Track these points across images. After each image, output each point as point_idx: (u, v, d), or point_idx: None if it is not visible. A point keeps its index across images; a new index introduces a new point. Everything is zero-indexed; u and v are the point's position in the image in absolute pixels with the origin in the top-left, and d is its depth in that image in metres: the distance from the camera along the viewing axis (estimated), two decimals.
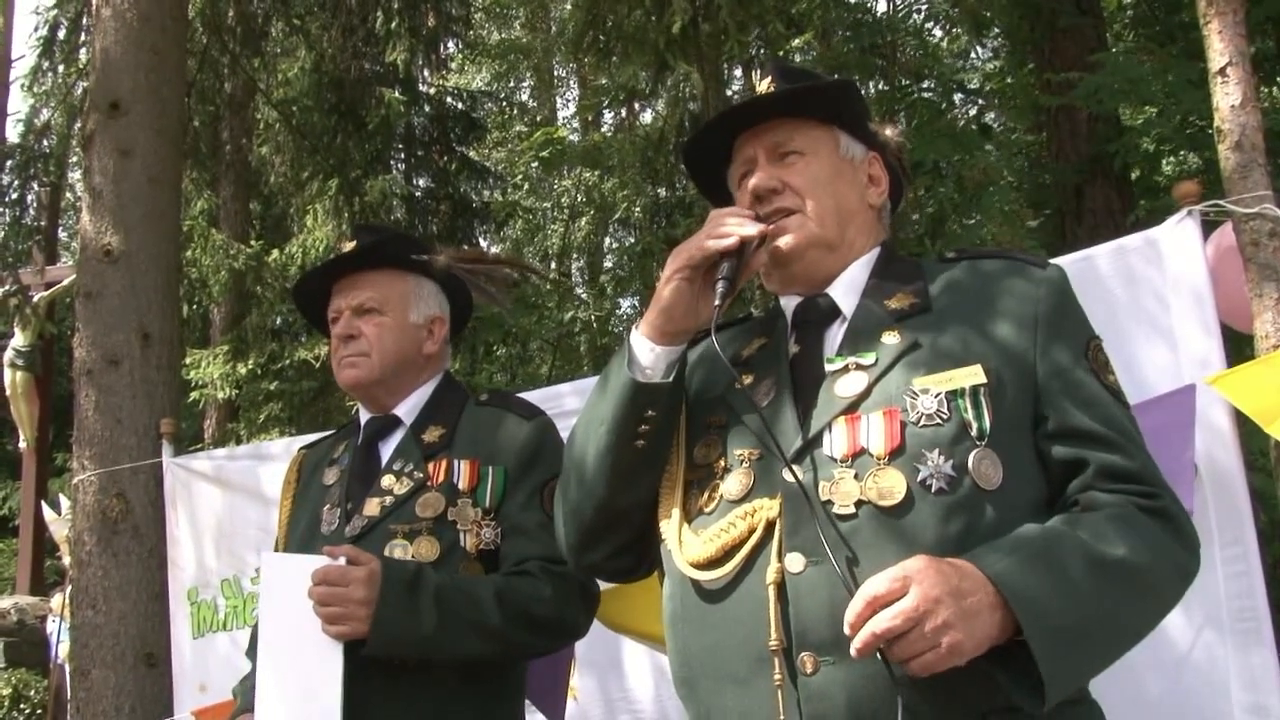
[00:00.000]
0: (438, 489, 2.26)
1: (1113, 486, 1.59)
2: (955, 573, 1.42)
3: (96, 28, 5.12)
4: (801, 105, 1.86)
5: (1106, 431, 1.62)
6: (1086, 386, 1.65)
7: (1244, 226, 2.82)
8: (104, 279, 4.71)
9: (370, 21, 10.43)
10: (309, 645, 2.09)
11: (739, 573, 1.61)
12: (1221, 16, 2.98)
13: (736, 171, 1.91)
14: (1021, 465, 1.61)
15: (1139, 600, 1.54)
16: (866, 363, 1.67)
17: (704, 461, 1.75)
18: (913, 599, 1.39)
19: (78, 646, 4.51)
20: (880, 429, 1.60)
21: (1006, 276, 1.75)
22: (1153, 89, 6.98)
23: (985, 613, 1.41)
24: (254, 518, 4.18)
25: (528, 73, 19.49)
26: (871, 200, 1.88)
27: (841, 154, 1.86)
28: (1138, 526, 1.55)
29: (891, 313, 1.73)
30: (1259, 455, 3.18)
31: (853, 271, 1.82)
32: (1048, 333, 1.68)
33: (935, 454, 1.56)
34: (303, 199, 11.23)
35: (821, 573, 1.53)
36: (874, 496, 1.55)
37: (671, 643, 1.73)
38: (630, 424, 1.72)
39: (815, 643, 1.52)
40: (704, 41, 7.13)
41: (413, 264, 2.47)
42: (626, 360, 1.74)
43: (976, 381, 1.61)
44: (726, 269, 1.70)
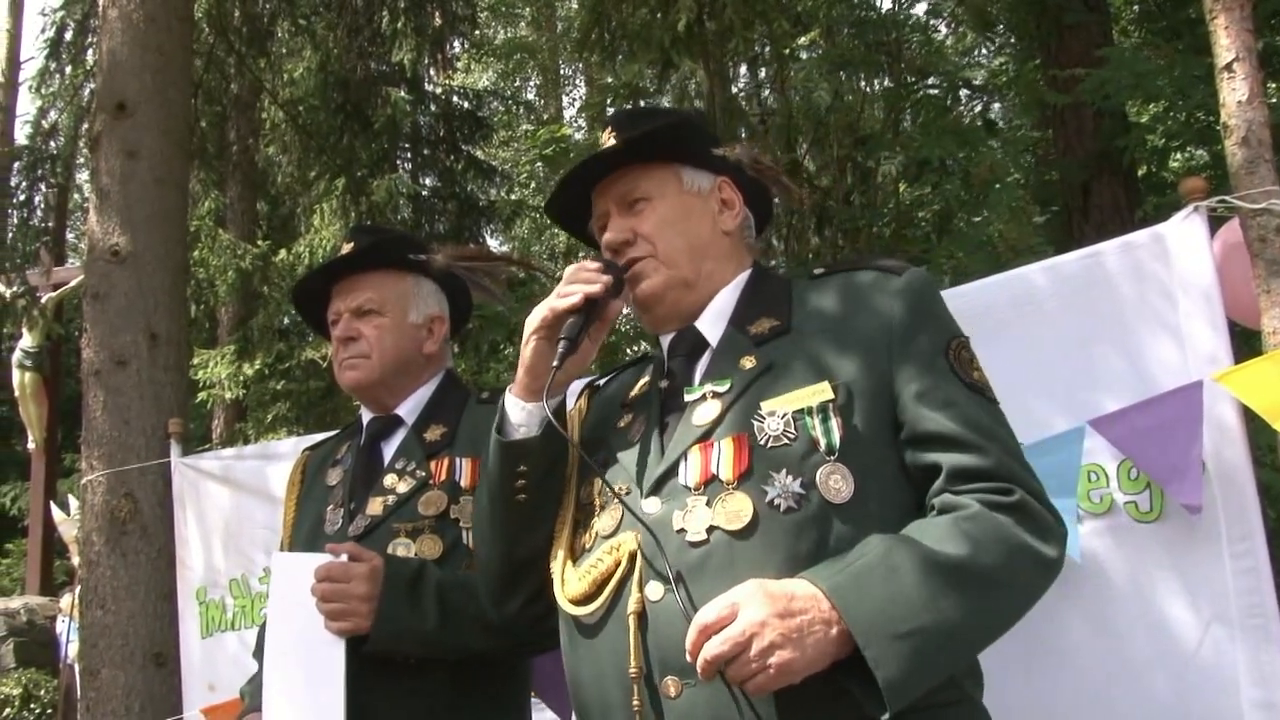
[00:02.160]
0: (440, 487, 2.27)
1: (964, 487, 1.62)
2: (785, 594, 1.46)
3: (103, 29, 5.12)
4: (639, 152, 1.90)
5: (960, 431, 1.64)
6: (944, 388, 1.68)
7: (1251, 222, 2.81)
8: (111, 280, 4.71)
9: (376, 21, 10.44)
10: (314, 642, 2.11)
11: (609, 605, 1.66)
12: (1228, 11, 2.97)
13: (596, 224, 1.98)
14: (880, 476, 1.64)
15: (984, 599, 1.55)
16: (721, 389, 1.73)
17: (587, 500, 1.82)
18: (739, 625, 1.43)
19: (86, 646, 4.51)
20: (729, 454, 1.65)
21: (865, 288, 1.78)
22: (1159, 84, 6.96)
23: (820, 629, 1.44)
24: (261, 518, 4.19)
25: (534, 72, 19.49)
26: (725, 226, 1.93)
27: (686, 189, 1.91)
28: (986, 526, 1.57)
29: (752, 338, 1.78)
30: (1267, 451, 3.18)
31: (718, 301, 1.87)
32: (903, 339, 1.71)
33: (783, 474, 1.60)
34: (309, 199, 11.25)
35: (678, 600, 1.57)
36: (723, 521, 1.59)
37: (567, 674, 1.80)
38: (507, 480, 1.81)
39: (676, 667, 1.56)
40: (709, 39, 7.13)
41: (410, 264, 2.47)
42: (499, 421, 1.84)
43: (824, 398, 1.65)
44: (568, 328, 1.78)
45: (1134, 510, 2.67)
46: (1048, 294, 2.88)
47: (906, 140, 8.35)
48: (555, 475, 1.85)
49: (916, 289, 1.77)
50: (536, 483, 1.82)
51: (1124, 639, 2.63)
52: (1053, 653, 2.65)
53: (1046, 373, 2.81)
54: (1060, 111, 8.15)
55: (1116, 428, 2.71)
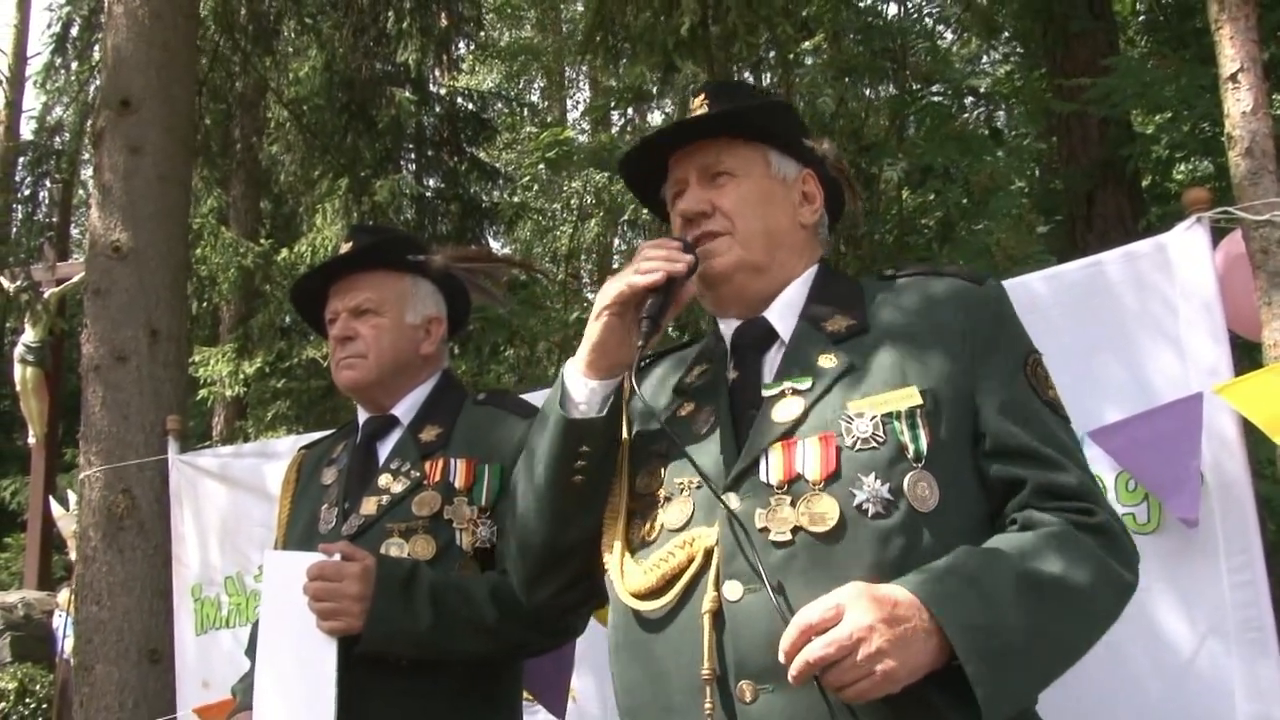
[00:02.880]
0: (434, 488, 2.27)
1: (1050, 504, 1.60)
2: (889, 599, 1.42)
3: (108, 25, 5.13)
4: (732, 126, 1.85)
5: (1043, 448, 1.62)
6: (1024, 403, 1.66)
7: (1254, 234, 2.80)
8: (113, 276, 4.72)
9: (382, 21, 10.47)
10: (305, 641, 2.10)
11: (678, 602, 1.61)
12: (1234, 22, 2.96)
13: (670, 191, 1.91)
14: (961, 486, 1.61)
15: (1075, 619, 1.54)
16: (803, 387, 1.68)
17: (646, 491, 1.75)
18: (846, 627, 1.39)
19: (82, 642, 4.51)
20: (815, 454, 1.60)
21: (944, 295, 1.75)
22: (1165, 94, 6.95)
23: (920, 638, 1.41)
24: (258, 515, 4.19)
25: (538, 74, 19.51)
26: (804, 219, 1.87)
27: (773, 174, 1.86)
28: (1075, 545, 1.55)
29: (829, 335, 1.73)
30: (1266, 464, 3.17)
31: (789, 293, 1.82)
32: (984, 350, 1.68)
33: (871, 478, 1.56)
34: (312, 198, 11.26)
35: (759, 600, 1.52)
36: (808, 523, 1.55)
37: (615, 672, 1.74)
38: (566, 461, 1.73)
39: (754, 671, 1.52)
40: (713, 44, 7.12)
41: (409, 264, 2.47)
42: (560, 397, 1.75)
43: (912, 403, 1.61)
44: (650, 306, 1.70)
45: (1132, 522, 2.67)
46: (1050, 302, 2.88)
47: (910, 147, 8.34)
48: (611, 459, 1.78)
49: (997, 300, 1.75)
50: (595, 465, 1.74)
51: (1121, 650, 2.63)
52: None
53: None
54: (1065, 120, 8.15)
55: (1115, 439, 2.70)
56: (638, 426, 1.84)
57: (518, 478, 1.85)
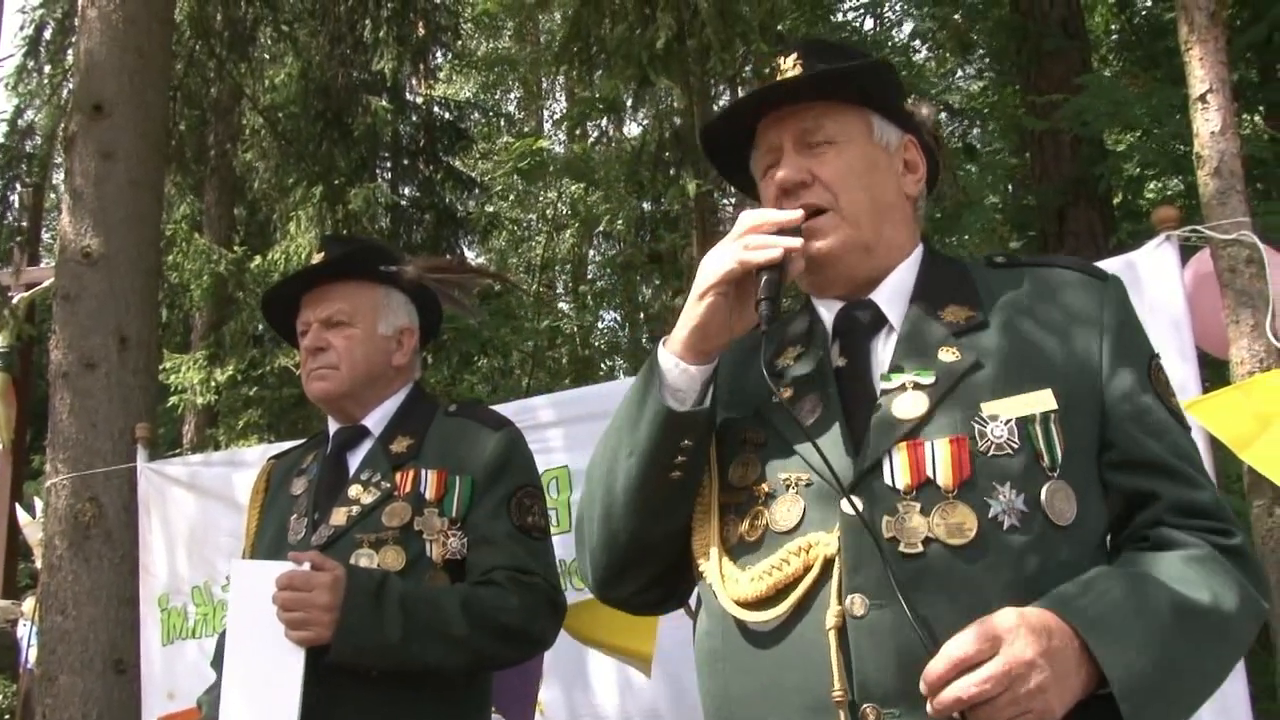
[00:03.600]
0: (405, 499, 2.25)
1: (1186, 523, 1.49)
2: (1045, 628, 1.31)
3: (82, 29, 5.09)
4: (829, 88, 1.67)
5: (1176, 462, 1.52)
6: (1153, 412, 1.54)
7: (1222, 253, 2.83)
8: (82, 281, 4.68)
9: (358, 30, 10.44)
10: (273, 651, 2.08)
11: (793, 614, 1.46)
12: (1203, 44, 3.00)
13: (761, 160, 1.73)
14: (1092, 497, 1.50)
15: (1222, 649, 1.45)
16: (926, 382, 1.52)
17: (742, 484, 1.59)
18: (1003, 662, 1.28)
19: (45, 652, 4.46)
20: (946, 458, 1.45)
21: (1066, 288, 1.62)
22: (1136, 113, 7.02)
23: (1073, 671, 1.31)
24: (226, 525, 4.15)
25: (515, 84, 19.51)
26: (909, 190, 1.72)
27: (876, 140, 1.69)
28: (1221, 570, 1.45)
29: (947, 325, 1.58)
30: (1233, 480, 3.19)
31: (897, 276, 1.66)
32: (1114, 352, 1.56)
33: (1007, 487, 1.43)
34: (286, 206, 11.20)
35: (887, 617, 1.39)
36: (943, 534, 1.42)
37: (709, 683, 1.59)
38: (665, 455, 1.56)
39: (879, 695, 1.38)
40: (689, 58, 7.15)
41: (382, 275, 2.45)
42: (657, 383, 1.57)
43: (1048, 408, 1.48)
44: (768, 284, 1.51)
45: None
46: None
47: None
48: (708, 450, 1.62)
49: (1123, 297, 1.62)
50: (694, 459, 1.57)
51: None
52: None
53: None
54: (1038, 137, 8.21)
55: None
56: (723, 412, 1.66)
57: (599, 465, 1.67)
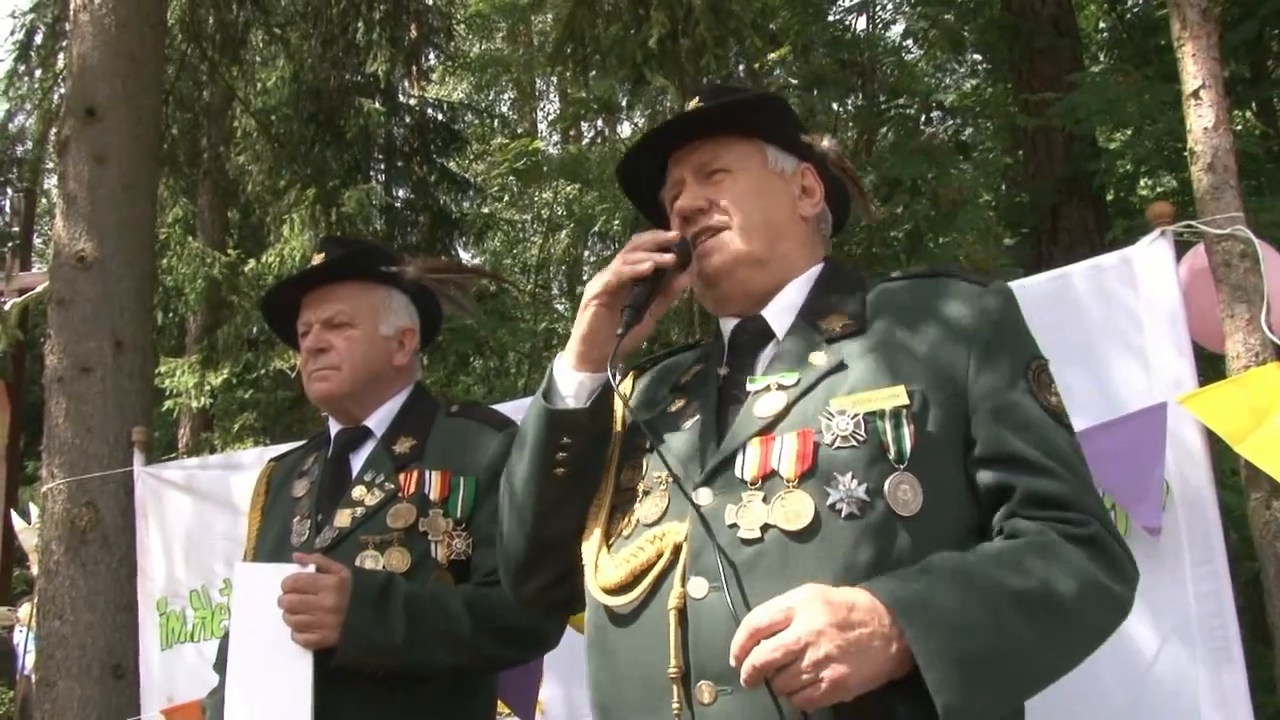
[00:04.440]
0: (409, 500, 2.26)
1: (1038, 514, 1.54)
2: (845, 603, 1.37)
3: (74, 33, 5.08)
4: (726, 122, 1.83)
5: (1038, 456, 1.57)
6: (1023, 409, 1.60)
7: (1216, 248, 2.84)
8: (76, 285, 4.67)
9: (351, 32, 10.42)
10: (279, 654, 2.08)
11: (646, 598, 1.56)
12: (1196, 40, 3.01)
13: (669, 193, 1.88)
14: (947, 491, 1.56)
15: (1056, 632, 1.48)
16: (788, 383, 1.64)
17: (628, 485, 1.72)
18: (794, 631, 1.35)
19: (43, 657, 4.44)
20: (792, 450, 1.55)
21: (947, 296, 1.70)
22: (1129, 110, 7.03)
23: (878, 645, 1.36)
24: (223, 528, 4.15)
25: (509, 85, 19.49)
26: (805, 212, 1.85)
27: (770, 167, 1.83)
28: (1058, 555, 1.49)
29: (823, 334, 1.70)
30: (1230, 474, 3.20)
31: (789, 292, 1.78)
32: (984, 353, 1.63)
33: (848, 477, 1.51)
34: (280, 208, 11.18)
35: (722, 599, 1.48)
36: (780, 520, 1.51)
37: (588, 667, 1.70)
38: (548, 451, 1.70)
39: (714, 672, 1.47)
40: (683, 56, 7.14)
41: (382, 276, 2.46)
42: (544, 388, 1.73)
43: (897, 403, 1.56)
44: (634, 296, 1.68)
45: None
46: None
47: (878, 160, 8.39)
48: (597, 452, 1.75)
49: (1001, 304, 1.69)
50: (578, 457, 1.71)
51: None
52: None
53: None
54: (1031, 135, 8.22)
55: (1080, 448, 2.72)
56: (628, 421, 1.80)
57: (506, 469, 1.82)
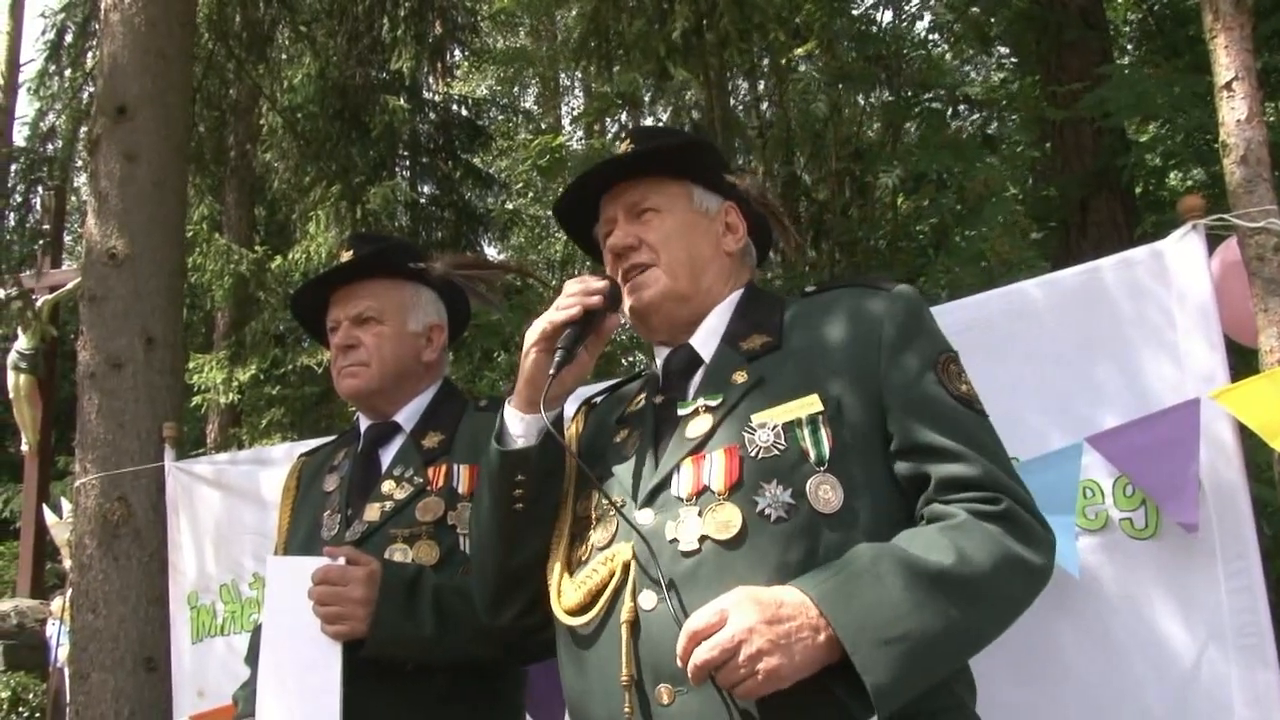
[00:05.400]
0: (438, 494, 2.27)
1: (952, 497, 1.65)
2: (774, 600, 1.49)
3: (104, 32, 5.12)
4: (655, 165, 1.96)
5: (948, 443, 1.67)
6: (933, 400, 1.71)
7: (1248, 241, 2.81)
8: (108, 283, 4.71)
9: (376, 29, 10.45)
10: (309, 646, 2.10)
11: (604, 615, 1.69)
12: (1228, 31, 2.97)
13: (602, 230, 2.02)
14: (869, 487, 1.66)
15: (971, 607, 1.56)
16: (714, 404, 1.76)
17: (583, 514, 1.85)
18: (727, 631, 1.47)
19: (77, 650, 4.50)
20: (721, 465, 1.68)
21: (855, 303, 1.82)
22: (1159, 102, 6.97)
23: (807, 635, 1.47)
24: (252, 522, 4.17)
25: (533, 80, 19.51)
26: (728, 247, 1.98)
27: (695, 207, 1.97)
28: (970, 533, 1.59)
29: (744, 353, 1.82)
30: (1263, 469, 3.17)
31: (712, 319, 1.91)
32: (891, 352, 1.74)
33: (774, 484, 1.63)
34: (305, 205, 11.23)
35: (669, 608, 1.60)
36: (713, 531, 1.62)
37: (562, 683, 1.82)
38: (505, 490, 1.83)
39: (669, 675, 1.58)
40: (707, 50, 7.13)
41: (410, 272, 2.47)
42: (497, 431, 1.86)
43: (813, 410, 1.68)
44: (564, 338, 1.81)
45: (1129, 527, 2.67)
46: (1046, 308, 2.89)
47: (904, 153, 8.35)
48: (552, 486, 1.88)
49: (904, 305, 1.80)
50: (533, 493, 1.84)
51: (1120, 656, 2.63)
52: (1049, 667, 2.65)
53: (1044, 387, 2.81)
54: (1059, 128, 8.16)
55: (1114, 444, 2.70)
56: (582, 454, 1.95)
57: (474, 508, 1.96)
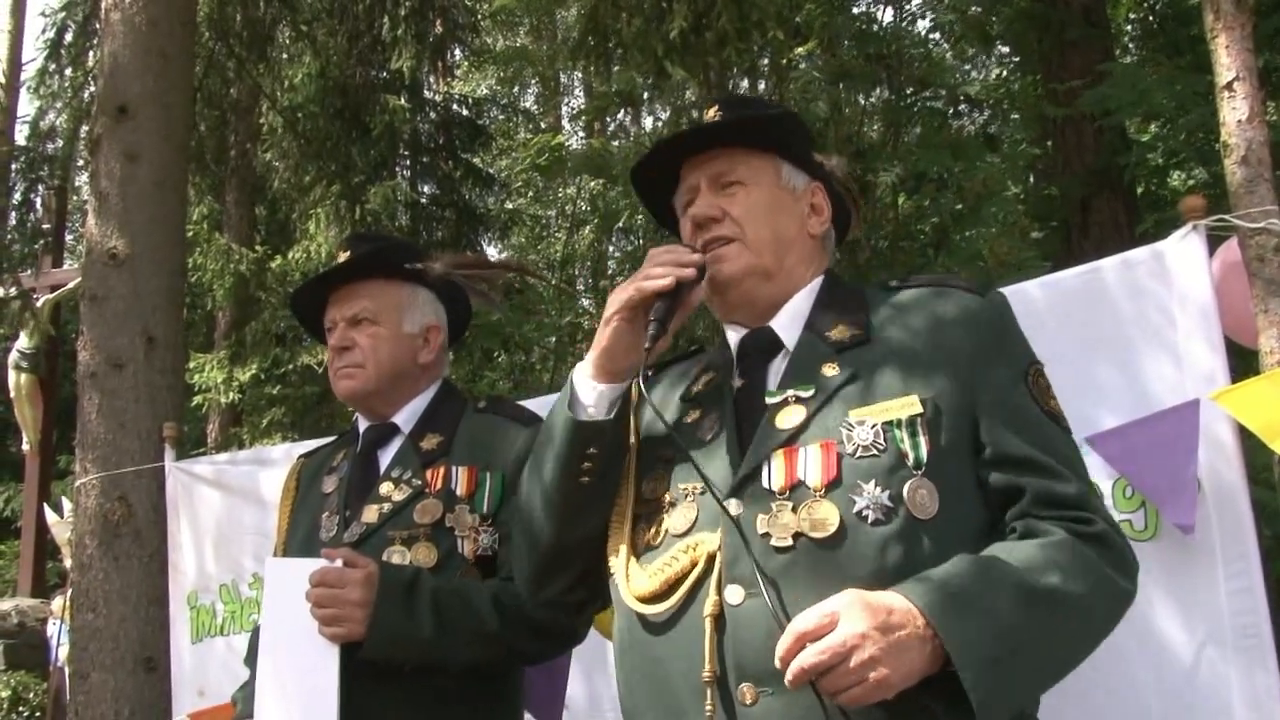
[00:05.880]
0: (436, 495, 2.27)
1: (1048, 513, 1.62)
2: (884, 606, 1.44)
3: (105, 31, 5.12)
4: (744, 135, 1.90)
5: (1043, 458, 1.65)
6: (1025, 412, 1.69)
7: (1249, 241, 2.81)
8: (109, 282, 4.71)
9: (376, 28, 10.44)
10: (307, 648, 2.10)
11: (681, 606, 1.64)
12: (1229, 30, 2.97)
13: (681, 199, 1.95)
14: (960, 494, 1.63)
15: (1071, 628, 1.56)
16: (805, 395, 1.71)
17: (652, 496, 1.79)
18: (839, 634, 1.41)
19: (77, 650, 4.50)
20: (817, 461, 1.63)
21: (947, 304, 1.78)
22: (1160, 100, 6.96)
23: (915, 645, 1.43)
24: (251, 523, 4.17)
25: (533, 80, 19.51)
26: (812, 229, 1.92)
27: (782, 184, 1.90)
28: (1073, 554, 1.57)
29: (832, 344, 1.77)
30: (1262, 470, 3.17)
31: (795, 303, 1.85)
32: (986, 360, 1.71)
33: (871, 485, 1.59)
34: (305, 205, 11.22)
35: (759, 605, 1.55)
36: (809, 528, 1.58)
37: (619, 674, 1.78)
38: (574, 461, 1.76)
39: (754, 674, 1.54)
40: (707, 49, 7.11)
41: (407, 272, 2.46)
42: (570, 399, 1.79)
43: (913, 412, 1.64)
44: (657, 310, 1.73)
45: (1129, 529, 2.67)
46: (1046, 309, 2.89)
47: (905, 153, 8.34)
48: (619, 461, 1.82)
49: (999, 311, 1.78)
50: (603, 467, 1.78)
51: (1119, 657, 2.63)
52: None
53: None
54: (1060, 127, 8.15)
55: (1112, 445, 2.70)
56: (645, 433, 1.88)
57: (526, 475, 1.89)
